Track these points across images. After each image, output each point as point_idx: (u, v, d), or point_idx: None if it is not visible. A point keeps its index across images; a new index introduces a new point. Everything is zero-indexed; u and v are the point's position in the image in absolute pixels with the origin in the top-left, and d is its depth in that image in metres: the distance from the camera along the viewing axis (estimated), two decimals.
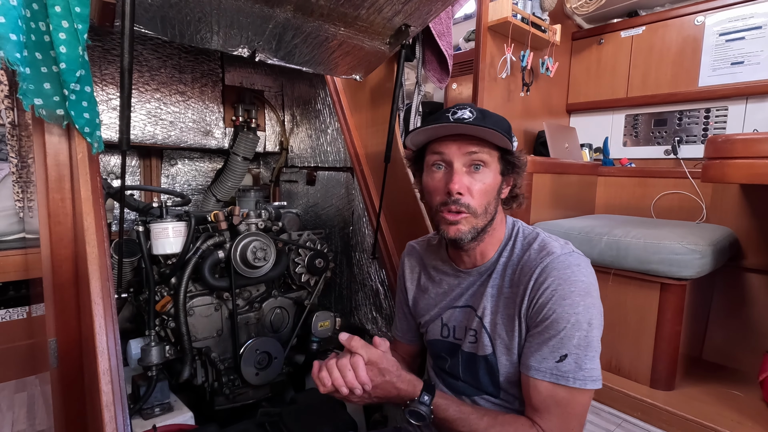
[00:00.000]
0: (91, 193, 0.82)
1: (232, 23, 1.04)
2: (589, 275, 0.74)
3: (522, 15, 1.96)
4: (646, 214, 2.11)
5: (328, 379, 0.72)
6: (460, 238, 0.77)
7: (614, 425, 1.48)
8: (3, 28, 0.68)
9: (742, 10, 1.98)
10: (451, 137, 0.76)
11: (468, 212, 0.76)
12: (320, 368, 0.74)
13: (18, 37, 0.70)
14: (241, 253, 1.15)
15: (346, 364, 0.72)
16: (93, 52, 1.51)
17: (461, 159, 0.76)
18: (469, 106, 0.77)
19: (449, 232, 0.77)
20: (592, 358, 0.71)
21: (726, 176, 1.26)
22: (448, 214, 0.76)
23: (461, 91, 2.45)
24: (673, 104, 2.19)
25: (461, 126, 0.74)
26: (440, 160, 0.78)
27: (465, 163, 0.76)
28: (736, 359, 1.79)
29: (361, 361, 0.72)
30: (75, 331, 0.92)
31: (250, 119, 1.91)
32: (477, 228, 0.77)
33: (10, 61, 0.69)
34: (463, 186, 0.75)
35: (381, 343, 0.77)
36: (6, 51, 0.69)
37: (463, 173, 0.76)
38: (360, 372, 0.72)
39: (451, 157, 0.76)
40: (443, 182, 0.77)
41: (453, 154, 0.76)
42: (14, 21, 0.69)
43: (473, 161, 0.76)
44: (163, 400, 1.09)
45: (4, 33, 0.68)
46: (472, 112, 0.75)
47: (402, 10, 1.05)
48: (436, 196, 0.78)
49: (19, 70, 0.71)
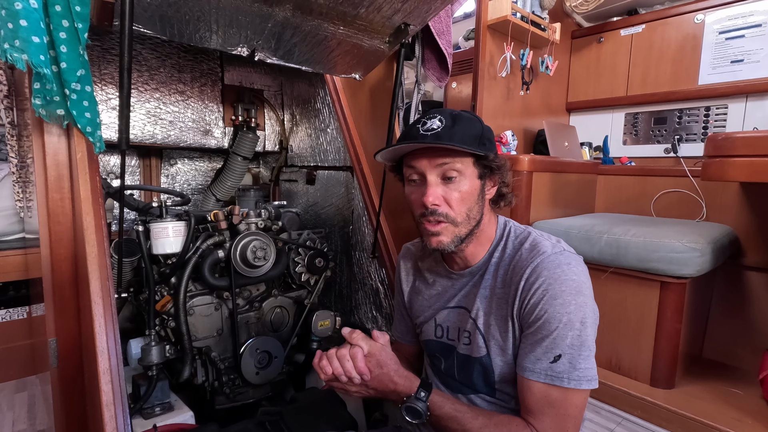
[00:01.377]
0: (91, 192, 0.82)
1: (231, 22, 1.04)
2: (580, 273, 0.73)
3: (521, 13, 1.96)
4: (646, 212, 2.11)
5: (328, 368, 0.77)
6: (443, 249, 0.79)
7: (614, 423, 1.48)
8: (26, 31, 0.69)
9: (741, 8, 1.98)
10: (421, 150, 0.77)
11: (447, 221, 0.77)
12: (321, 357, 0.79)
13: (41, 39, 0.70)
14: (241, 252, 1.15)
15: (346, 354, 0.77)
16: (92, 52, 1.50)
17: (433, 171, 0.76)
18: (440, 113, 0.77)
19: (431, 243, 0.79)
20: (586, 358, 0.70)
21: (726, 174, 1.26)
22: (428, 225, 0.78)
23: (461, 90, 2.45)
24: (672, 102, 2.19)
25: (426, 142, 0.74)
26: (414, 173, 0.79)
27: (438, 174, 0.76)
28: (736, 357, 1.79)
29: (360, 352, 0.76)
30: (75, 330, 0.92)
31: (249, 118, 1.90)
32: (460, 236, 0.78)
33: (34, 63, 0.70)
34: (438, 197, 0.76)
35: (380, 336, 0.80)
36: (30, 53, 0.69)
37: (438, 185, 0.76)
38: (358, 362, 0.76)
39: (423, 169, 0.77)
40: (419, 194, 0.78)
41: (425, 167, 0.76)
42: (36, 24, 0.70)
43: (445, 172, 0.76)
44: (164, 399, 1.09)
45: (27, 36, 0.69)
46: (442, 121, 0.75)
47: (401, 8, 1.05)
48: (416, 208, 0.80)
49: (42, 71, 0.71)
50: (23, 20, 0.68)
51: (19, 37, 0.68)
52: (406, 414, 0.75)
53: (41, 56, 0.71)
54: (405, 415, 0.75)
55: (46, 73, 0.72)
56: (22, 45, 0.69)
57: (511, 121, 2.19)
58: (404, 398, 0.76)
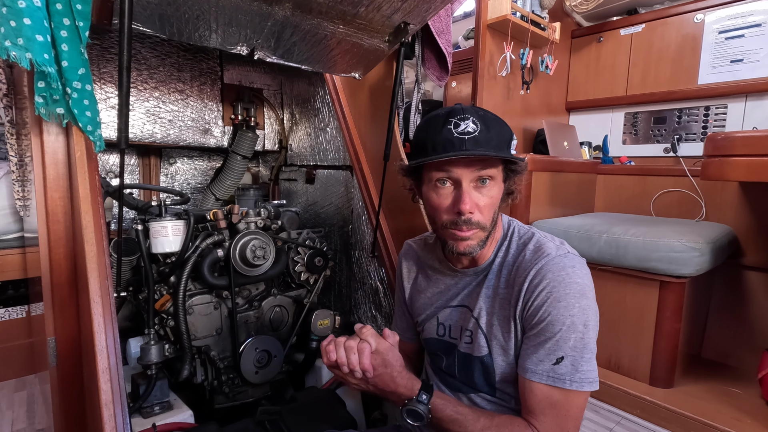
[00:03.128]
0: (90, 191, 0.82)
1: (230, 21, 1.04)
2: (584, 276, 0.73)
3: (521, 13, 1.96)
4: (646, 212, 2.11)
5: (333, 354, 0.76)
6: (470, 252, 0.77)
7: (613, 423, 1.48)
8: (30, 30, 0.68)
9: (741, 7, 1.98)
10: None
11: (478, 228, 0.75)
12: (330, 341, 0.78)
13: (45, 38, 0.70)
14: (240, 251, 1.15)
15: (354, 346, 0.75)
16: (91, 51, 1.50)
17: (469, 176, 0.73)
18: (470, 113, 0.73)
19: (459, 248, 0.77)
20: (588, 360, 0.71)
21: (725, 174, 1.26)
22: (459, 232, 0.75)
23: (460, 89, 2.45)
24: (672, 102, 2.19)
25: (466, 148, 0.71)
26: (447, 177, 0.75)
27: (472, 179, 0.74)
28: (735, 357, 1.79)
29: (368, 348, 0.75)
30: (74, 329, 0.92)
31: (249, 118, 1.90)
32: (483, 240, 0.78)
33: (38, 62, 0.70)
34: (474, 205, 0.74)
35: (390, 336, 0.80)
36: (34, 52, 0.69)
37: (471, 190, 0.74)
38: (364, 358, 0.74)
39: (459, 175, 0.73)
40: (450, 200, 0.75)
41: (461, 173, 0.73)
42: (40, 22, 0.70)
43: (481, 176, 0.74)
44: (163, 398, 1.09)
45: (31, 35, 0.69)
46: (476, 123, 0.71)
47: (401, 7, 1.05)
48: (443, 214, 0.76)
49: (47, 70, 0.71)
50: (27, 18, 0.68)
51: (23, 36, 0.68)
52: (407, 417, 0.75)
53: (45, 55, 0.70)
54: (406, 418, 0.75)
55: (51, 72, 0.72)
56: (26, 43, 0.68)
57: (511, 121, 2.19)
58: (405, 401, 0.76)
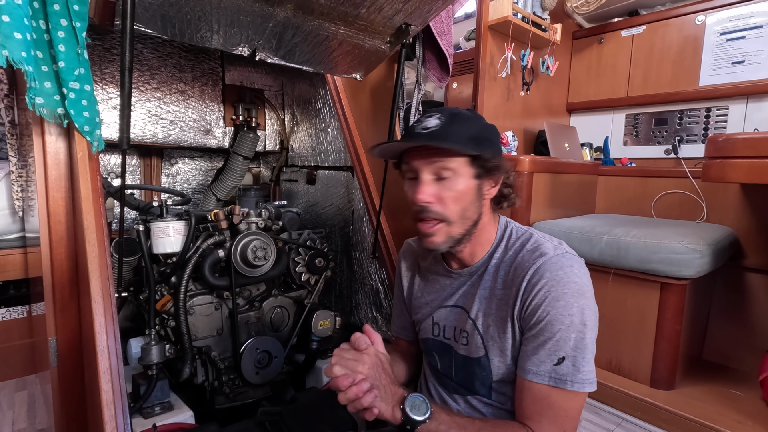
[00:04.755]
0: (91, 191, 0.82)
1: (232, 22, 1.04)
2: (582, 276, 0.73)
3: (522, 14, 1.96)
4: (647, 213, 2.11)
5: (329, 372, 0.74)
6: (436, 249, 0.80)
7: (614, 425, 1.48)
8: (8, 27, 0.68)
9: (742, 9, 1.97)
10: (417, 148, 0.77)
11: (441, 220, 0.77)
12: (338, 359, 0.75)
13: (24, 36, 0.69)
14: (241, 252, 1.15)
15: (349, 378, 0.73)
16: (93, 51, 1.50)
17: (427, 169, 0.76)
18: (440, 112, 0.77)
19: (425, 243, 0.80)
20: (588, 360, 0.71)
21: (726, 176, 1.26)
22: (423, 226, 0.78)
23: (461, 90, 2.45)
24: (673, 104, 2.19)
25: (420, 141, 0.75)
26: (409, 170, 0.79)
27: (432, 172, 0.76)
28: (736, 359, 1.79)
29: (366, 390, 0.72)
30: (75, 329, 0.92)
31: (250, 118, 1.90)
32: (454, 236, 0.78)
33: (15, 60, 0.69)
34: (429, 195, 0.76)
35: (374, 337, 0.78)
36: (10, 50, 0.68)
37: (430, 183, 0.76)
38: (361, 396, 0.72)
39: (417, 167, 0.77)
40: (413, 191, 0.78)
41: (419, 165, 0.77)
42: (20, 20, 0.69)
43: (439, 171, 0.76)
44: (164, 398, 1.09)
45: (9, 32, 0.68)
46: (441, 119, 0.75)
47: (402, 9, 1.05)
48: (411, 206, 0.80)
49: (23, 68, 0.70)
50: (5, 16, 0.67)
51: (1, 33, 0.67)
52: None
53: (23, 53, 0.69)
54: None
55: (28, 71, 0.71)
56: (3, 41, 0.67)
57: (512, 122, 2.19)
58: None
